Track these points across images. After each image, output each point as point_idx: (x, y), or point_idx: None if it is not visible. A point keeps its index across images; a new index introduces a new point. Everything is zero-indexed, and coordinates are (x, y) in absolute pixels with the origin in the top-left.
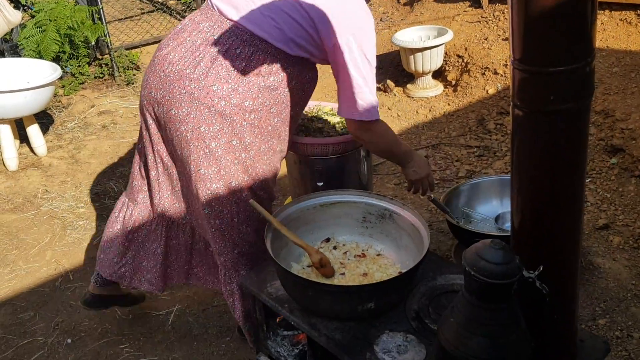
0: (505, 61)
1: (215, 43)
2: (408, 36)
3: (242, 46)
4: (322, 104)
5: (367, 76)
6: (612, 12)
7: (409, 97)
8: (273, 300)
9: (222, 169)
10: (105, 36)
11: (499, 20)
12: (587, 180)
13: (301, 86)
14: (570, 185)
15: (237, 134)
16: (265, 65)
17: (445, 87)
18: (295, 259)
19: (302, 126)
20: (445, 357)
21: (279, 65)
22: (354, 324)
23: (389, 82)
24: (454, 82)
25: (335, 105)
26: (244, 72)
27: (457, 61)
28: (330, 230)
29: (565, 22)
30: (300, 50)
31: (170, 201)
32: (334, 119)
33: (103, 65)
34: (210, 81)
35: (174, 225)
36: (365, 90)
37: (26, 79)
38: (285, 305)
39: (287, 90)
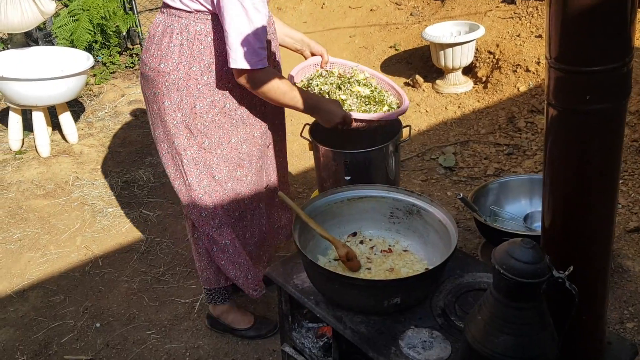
0: (538, 58)
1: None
2: (438, 31)
3: (167, 22)
4: (361, 67)
5: (240, 22)
6: None
7: (437, 92)
8: (299, 292)
9: (165, 129)
10: (136, 26)
11: (532, 16)
12: (619, 182)
13: (219, 40)
14: (603, 186)
15: (164, 95)
16: (177, 29)
17: (475, 84)
18: (322, 252)
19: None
20: (471, 354)
21: (186, 23)
22: (379, 319)
23: (417, 77)
24: (484, 79)
25: (371, 72)
26: (167, 43)
27: (488, 57)
28: (357, 224)
29: (604, 21)
30: (197, 5)
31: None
32: (364, 91)
33: (133, 55)
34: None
35: None
36: (234, 36)
37: (60, 68)
38: (311, 298)
39: (201, 46)
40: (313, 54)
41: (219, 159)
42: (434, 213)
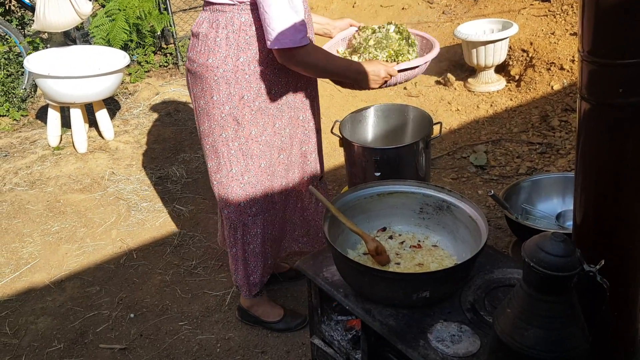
0: (573, 56)
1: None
2: (471, 29)
3: (212, 18)
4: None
5: (274, 2)
6: None
7: (469, 91)
8: (329, 285)
9: (212, 123)
10: (170, 26)
11: (567, 14)
12: None
13: (259, 31)
14: (637, 182)
15: (212, 90)
16: (223, 22)
17: (508, 82)
18: (352, 245)
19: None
20: (500, 348)
21: (230, 16)
22: (408, 312)
23: (449, 75)
24: (517, 77)
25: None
26: (213, 38)
27: (522, 56)
28: (387, 219)
29: (637, 14)
30: None
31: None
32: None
33: (168, 54)
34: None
35: None
36: (275, 17)
37: (97, 66)
38: (340, 290)
39: (247, 37)
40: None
41: (264, 146)
42: (464, 209)
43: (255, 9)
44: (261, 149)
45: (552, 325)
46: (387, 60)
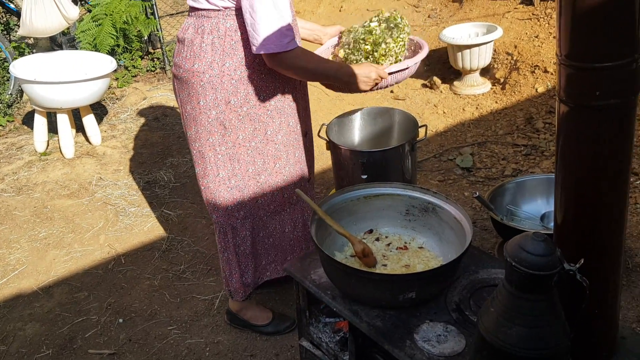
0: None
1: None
2: (456, 33)
3: (197, 23)
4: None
5: (266, 8)
6: None
7: (455, 94)
8: (316, 287)
9: (199, 128)
10: (157, 31)
11: (551, 17)
12: (637, 182)
13: (245, 36)
14: (614, 182)
15: (199, 95)
16: (208, 28)
17: (493, 85)
18: (339, 248)
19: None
20: (484, 346)
21: (215, 22)
22: (395, 313)
23: (435, 78)
24: (502, 80)
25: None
26: (199, 44)
27: (506, 59)
28: (374, 222)
29: (612, 19)
30: (225, 1)
31: None
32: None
33: (155, 59)
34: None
35: None
36: (261, 22)
37: (84, 71)
38: (328, 292)
39: (232, 42)
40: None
41: (254, 152)
42: (449, 210)
43: (240, 14)
44: (250, 155)
45: (535, 323)
46: (368, 58)
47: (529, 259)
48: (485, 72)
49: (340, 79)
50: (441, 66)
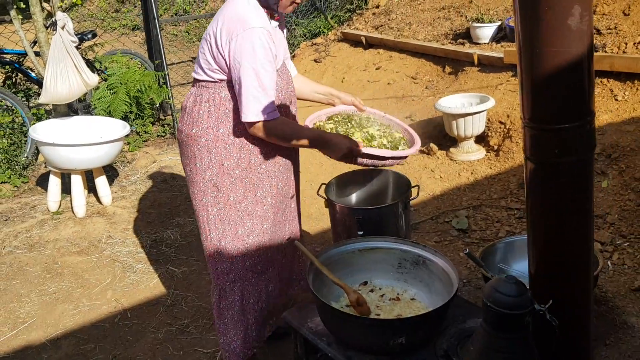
0: None
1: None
2: (451, 102)
3: (197, 93)
4: (388, 116)
5: (251, 83)
6: None
7: (451, 160)
8: (313, 334)
9: (195, 188)
10: (169, 98)
11: None
12: (625, 244)
13: (237, 105)
14: (578, 227)
15: (196, 157)
16: (205, 97)
17: (487, 152)
18: (335, 298)
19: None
20: None
21: (212, 92)
22: (387, 359)
23: (432, 145)
24: (496, 147)
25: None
26: (197, 111)
27: (500, 127)
28: (368, 274)
29: (565, 89)
30: (220, 74)
31: None
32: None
33: (165, 125)
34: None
35: None
36: (245, 95)
37: (99, 134)
38: (324, 339)
39: (226, 110)
40: (344, 102)
41: (243, 213)
42: (438, 263)
43: (232, 86)
44: (240, 216)
45: (510, 359)
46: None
47: (502, 299)
48: (480, 139)
49: (316, 146)
50: (437, 134)
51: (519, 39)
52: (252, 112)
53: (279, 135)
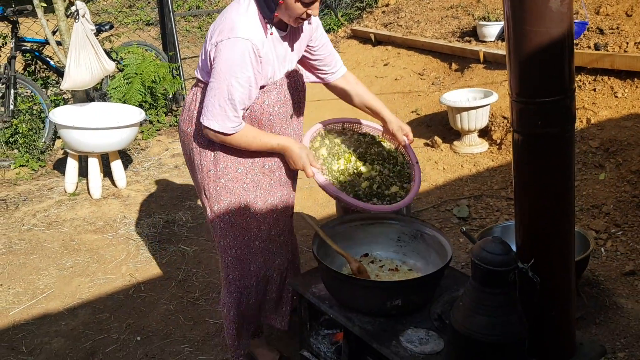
0: None
1: None
2: (455, 96)
3: (195, 91)
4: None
5: (221, 93)
6: None
7: (455, 152)
8: (316, 298)
9: (197, 182)
10: (182, 90)
11: None
12: (619, 233)
13: None
14: (560, 192)
15: (191, 156)
16: (200, 97)
17: (490, 145)
18: (337, 267)
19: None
20: (454, 334)
21: (204, 92)
22: (384, 320)
23: (436, 138)
24: (498, 141)
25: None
26: (193, 110)
27: (503, 122)
28: (369, 247)
29: (547, 66)
30: (204, 74)
31: None
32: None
33: (177, 116)
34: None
35: None
36: (212, 102)
37: (115, 119)
38: (326, 302)
39: None
40: (387, 128)
41: (227, 224)
42: (434, 235)
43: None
44: (222, 227)
45: (495, 313)
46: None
47: (488, 257)
48: (483, 133)
49: (279, 152)
50: (442, 127)
51: (507, 21)
52: (216, 120)
53: (242, 145)
